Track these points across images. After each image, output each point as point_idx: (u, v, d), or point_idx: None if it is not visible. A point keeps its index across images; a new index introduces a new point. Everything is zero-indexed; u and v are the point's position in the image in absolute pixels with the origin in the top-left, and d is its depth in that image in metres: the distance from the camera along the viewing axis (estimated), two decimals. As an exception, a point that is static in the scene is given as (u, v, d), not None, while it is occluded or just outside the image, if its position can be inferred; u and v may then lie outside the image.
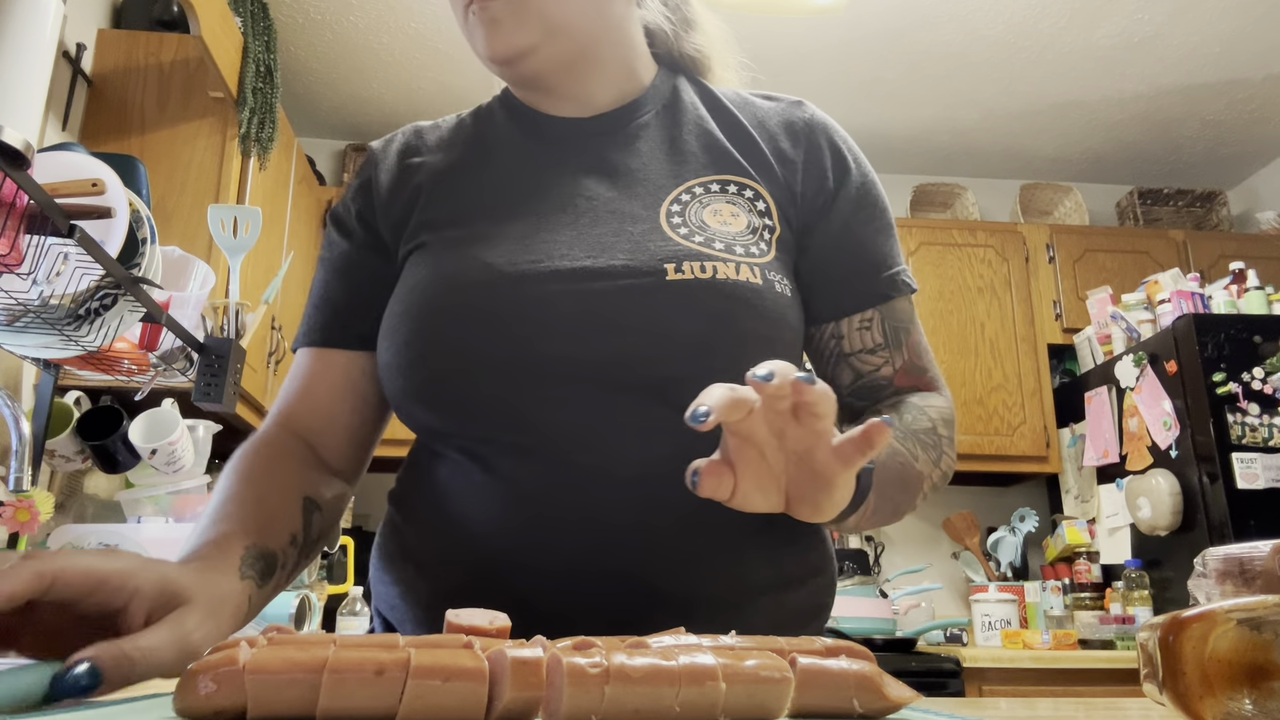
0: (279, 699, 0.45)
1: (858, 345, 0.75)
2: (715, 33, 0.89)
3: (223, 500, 0.68)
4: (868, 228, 0.77)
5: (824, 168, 0.77)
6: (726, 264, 0.69)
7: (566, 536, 0.66)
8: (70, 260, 1.24)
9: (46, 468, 1.96)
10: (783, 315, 0.70)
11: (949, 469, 0.72)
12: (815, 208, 0.76)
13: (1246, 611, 0.48)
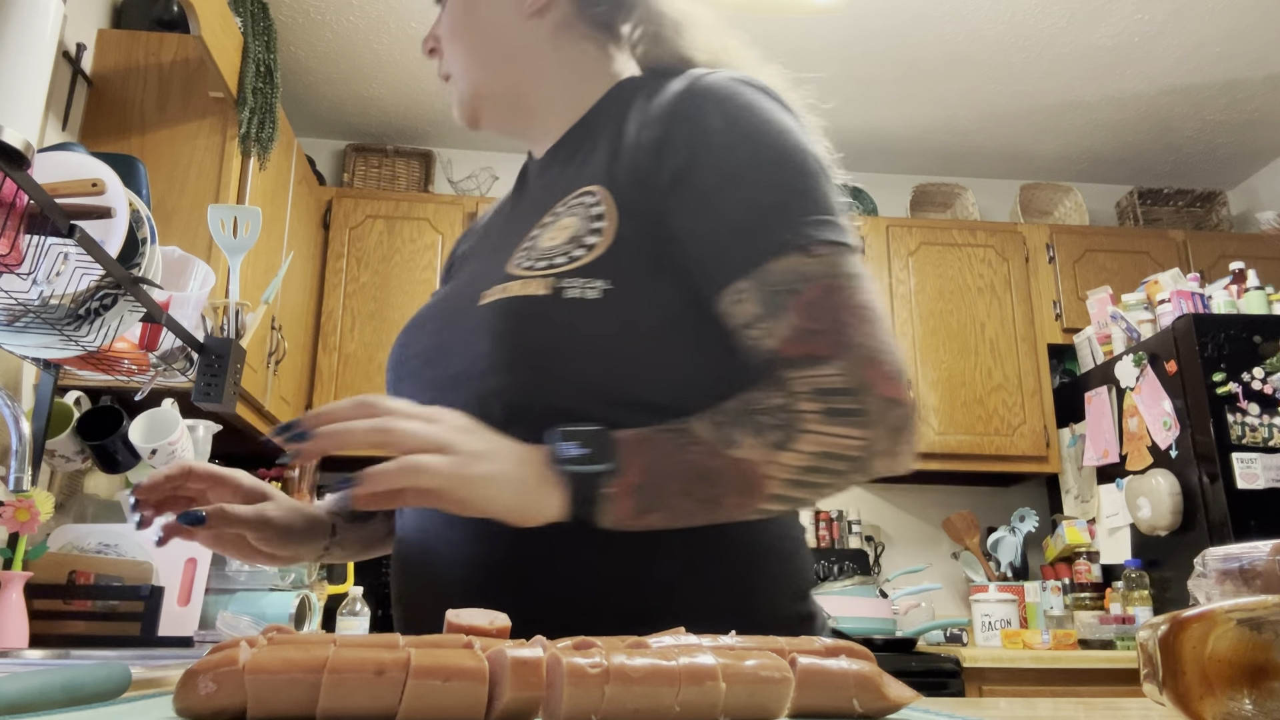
0: (279, 699, 0.45)
1: (738, 321, 0.70)
2: (709, 29, 0.87)
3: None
4: (733, 192, 0.71)
5: (678, 143, 0.73)
6: (524, 282, 0.72)
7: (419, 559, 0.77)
8: (70, 260, 1.24)
9: (46, 467, 1.96)
10: (571, 320, 0.70)
11: (833, 433, 0.65)
12: (664, 188, 0.73)
13: (1246, 611, 0.48)
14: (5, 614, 1.57)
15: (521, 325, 0.71)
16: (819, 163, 0.74)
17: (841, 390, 0.66)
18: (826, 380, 0.66)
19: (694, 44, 0.85)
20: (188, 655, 1.45)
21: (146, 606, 1.71)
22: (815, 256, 0.69)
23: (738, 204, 0.71)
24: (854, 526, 3.33)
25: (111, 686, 0.58)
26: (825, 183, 0.73)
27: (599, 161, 0.78)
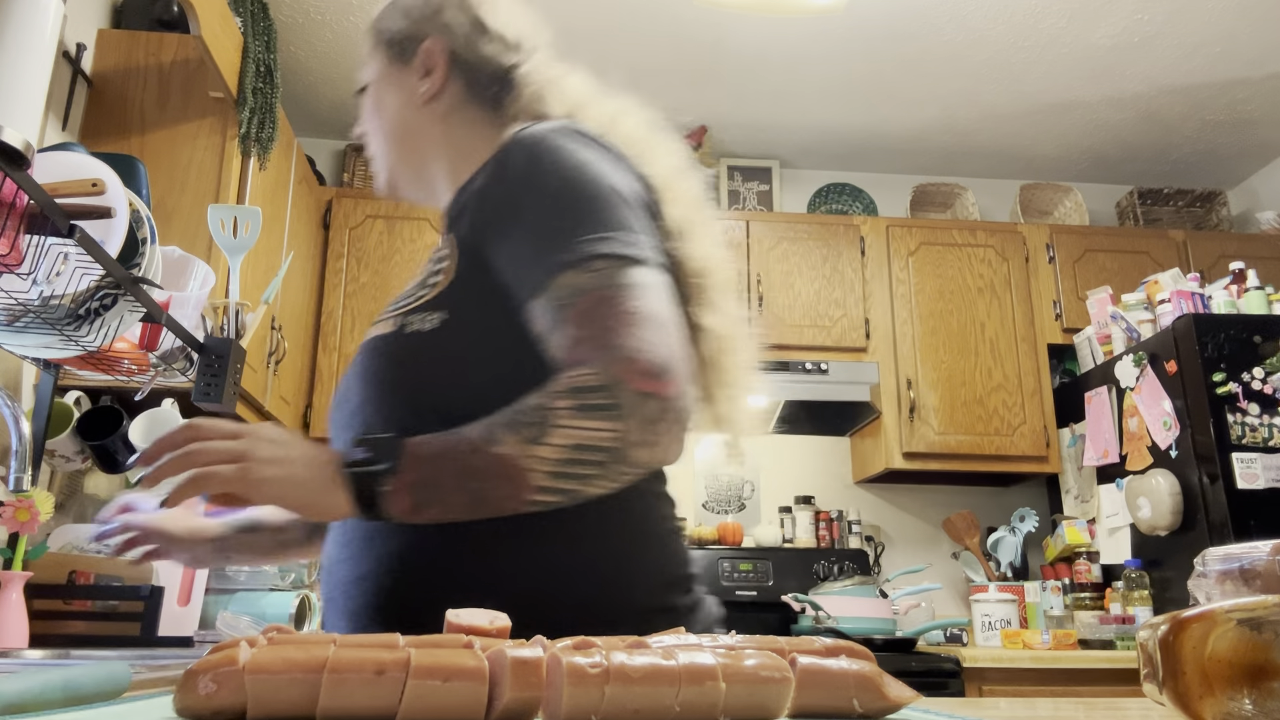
0: (279, 699, 0.45)
1: (539, 336, 0.78)
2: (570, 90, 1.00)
3: None
4: (524, 223, 0.80)
5: (489, 186, 0.84)
6: (380, 324, 0.86)
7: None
8: (70, 260, 1.24)
9: (46, 467, 1.96)
10: (413, 351, 0.82)
11: (581, 430, 0.71)
12: (484, 225, 0.83)
13: (1246, 612, 0.48)
14: (5, 614, 1.57)
15: (376, 361, 0.84)
16: (608, 188, 0.81)
17: (594, 387, 0.71)
18: (581, 379, 0.72)
19: (554, 106, 0.97)
20: (188, 655, 1.45)
21: (146, 606, 1.71)
22: (591, 271, 0.75)
23: (527, 232, 0.80)
24: (854, 526, 3.33)
25: (111, 686, 0.58)
26: (610, 205, 0.79)
27: (453, 210, 0.89)
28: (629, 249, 0.77)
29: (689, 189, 0.93)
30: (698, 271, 0.89)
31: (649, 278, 0.76)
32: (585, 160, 0.82)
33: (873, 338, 3.23)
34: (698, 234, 0.90)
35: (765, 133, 3.58)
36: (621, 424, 0.71)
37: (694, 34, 2.97)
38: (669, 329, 0.75)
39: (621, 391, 0.71)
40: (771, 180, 3.70)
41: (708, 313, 0.89)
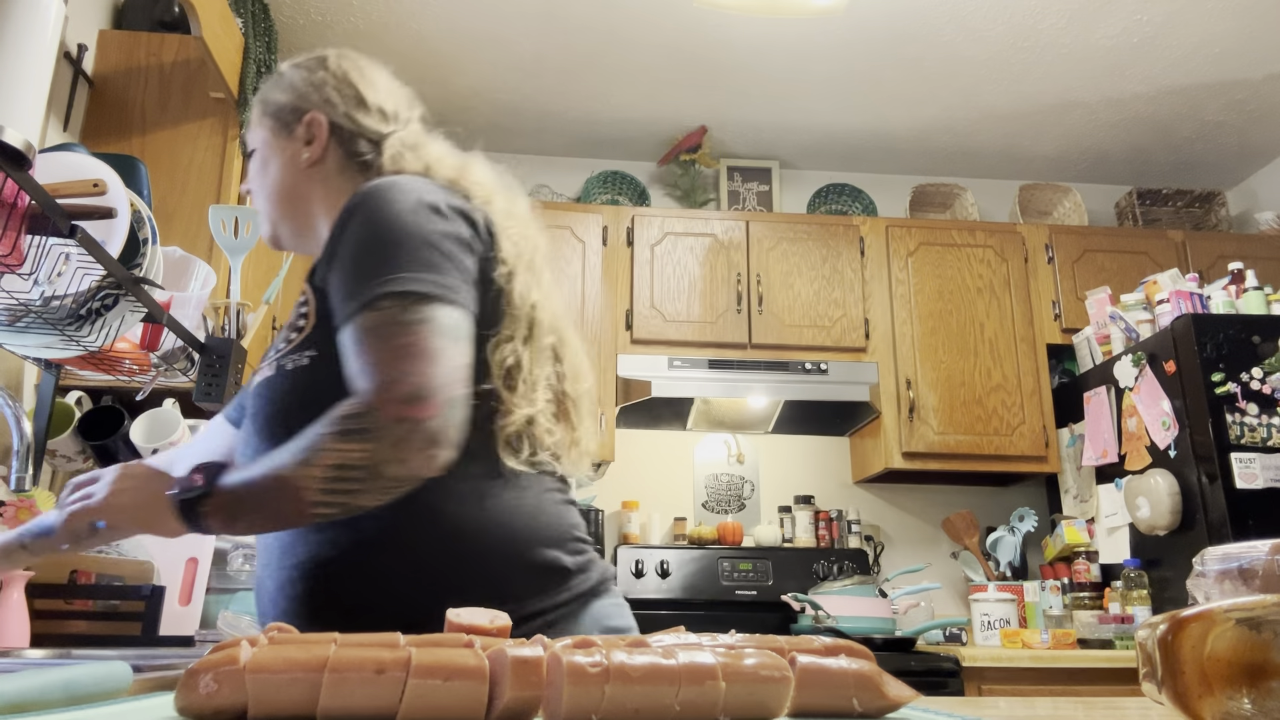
0: (280, 698, 0.46)
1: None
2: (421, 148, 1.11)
3: None
4: (339, 267, 0.92)
5: (331, 235, 0.95)
6: (262, 370, 1.00)
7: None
8: (71, 260, 1.24)
9: (48, 467, 1.96)
10: (292, 386, 0.95)
11: (338, 452, 0.83)
12: (325, 269, 0.95)
13: (1245, 611, 0.48)
14: (6, 613, 1.57)
15: (260, 401, 0.98)
16: (414, 233, 0.91)
17: (354, 414, 0.83)
18: (347, 408, 0.84)
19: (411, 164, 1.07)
20: (189, 655, 1.45)
21: (147, 606, 1.71)
22: (377, 310, 0.86)
23: (342, 274, 0.92)
24: (853, 526, 3.33)
25: (112, 686, 0.58)
26: (410, 249, 0.90)
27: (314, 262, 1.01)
28: (415, 286, 0.87)
29: (524, 233, 1.04)
30: (526, 306, 1.00)
31: (433, 314, 0.87)
32: (401, 209, 0.92)
33: (872, 338, 3.24)
34: (525, 274, 1.01)
35: (765, 133, 3.58)
36: (372, 445, 0.82)
37: (694, 34, 2.97)
38: (437, 360, 0.85)
39: (375, 417, 0.83)
40: (771, 180, 3.70)
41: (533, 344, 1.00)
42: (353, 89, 1.11)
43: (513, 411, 0.96)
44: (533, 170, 3.70)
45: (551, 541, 0.96)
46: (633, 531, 3.27)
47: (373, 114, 1.11)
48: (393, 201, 0.93)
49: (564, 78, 3.22)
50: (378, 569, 0.90)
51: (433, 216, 0.94)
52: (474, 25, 2.93)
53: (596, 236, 3.22)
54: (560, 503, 1.02)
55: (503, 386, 0.96)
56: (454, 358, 0.87)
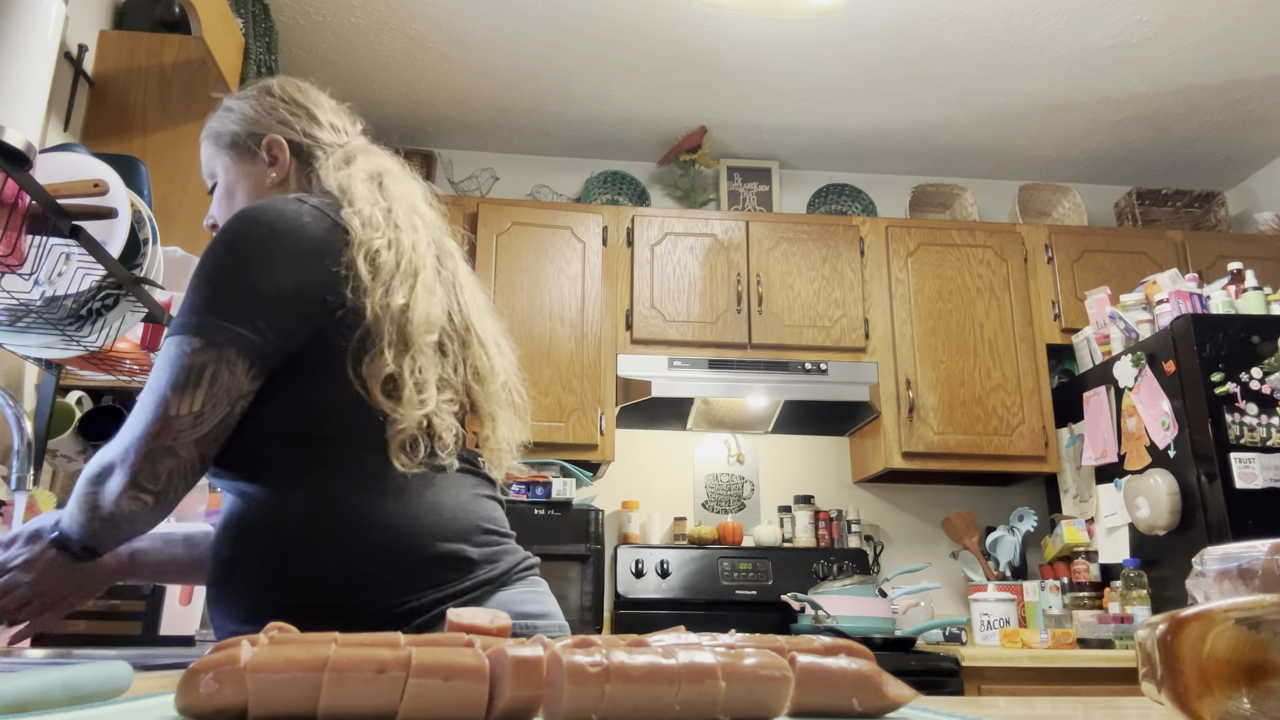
0: (280, 697, 0.46)
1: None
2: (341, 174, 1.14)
3: None
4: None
5: None
6: None
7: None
8: (72, 260, 1.24)
9: (48, 467, 1.96)
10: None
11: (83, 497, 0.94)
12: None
13: (1244, 611, 0.48)
14: (6, 614, 1.57)
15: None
16: (224, 267, 0.96)
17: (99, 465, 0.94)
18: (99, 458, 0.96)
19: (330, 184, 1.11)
20: (189, 654, 1.45)
21: (148, 605, 1.71)
22: (164, 340, 0.95)
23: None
24: (853, 526, 3.33)
25: (113, 685, 0.58)
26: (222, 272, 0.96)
27: None
28: (184, 323, 0.94)
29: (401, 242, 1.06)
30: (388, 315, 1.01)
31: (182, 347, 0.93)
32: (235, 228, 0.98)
33: (872, 338, 3.24)
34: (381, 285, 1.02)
35: (765, 133, 3.58)
36: (98, 491, 0.94)
37: (694, 35, 2.98)
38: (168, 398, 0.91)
39: (115, 465, 0.93)
40: (771, 181, 3.70)
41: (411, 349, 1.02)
42: (303, 108, 1.21)
43: (401, 420, 0.97)
44: (533, 170, 3.70)
45: (453, 535, 1.00)
46: (633, 531, 3.27)
47: (325, 129, 1.20)
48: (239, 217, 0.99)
49: (564, 78, 3.22)
50: (299, 568, 0.96)
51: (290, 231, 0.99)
52: (474, 26, 2.94)
53: (596, 236, 3.22)
54: (470, 498, 1.05)
55: (383, 397, 0.97)
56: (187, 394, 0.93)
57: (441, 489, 1.02)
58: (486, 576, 1.00)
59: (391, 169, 1.21)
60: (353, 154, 1.18)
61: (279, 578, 0.97)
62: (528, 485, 2.92)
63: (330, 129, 1.21)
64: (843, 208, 3.75)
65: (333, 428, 0.98)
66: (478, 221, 3.19)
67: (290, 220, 0.99)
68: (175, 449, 0.92)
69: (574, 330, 3.12)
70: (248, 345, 0.93)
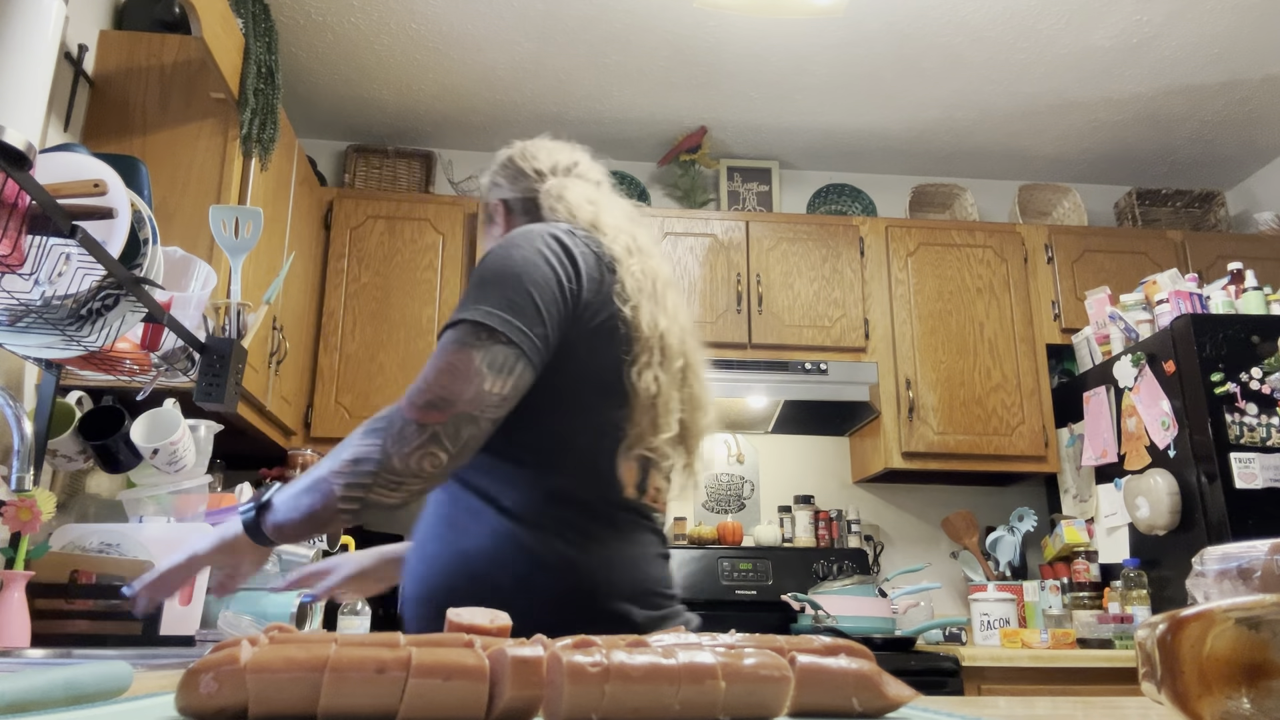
0: (281, 697, 0.46)
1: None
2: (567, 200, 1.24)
3: None
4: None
5: None
6: None
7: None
8: (72, 260, 1.24)
9: (48, 467, 1.96)
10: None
11: (354, 453, 0.95)
12: None
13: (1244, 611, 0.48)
14: (7, 613, 1.57)
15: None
16: (509, 268, 1.03)
17: (381, 416, 0.97)
18: (377, 416, 0.98)
19: (559, 212, 1.21)
20: (189, 654, 1.45)
21: (147, 606, 1.71)
22: (449, 332, 1.00)
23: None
24: (853, 526, 3.33)
25: (113, 686, 0.58)
26: (501, 281, 1.02)
27: None
28: (484, 319, 0.98)
29: (645, 266, 1.16)
30: (655, 334, 1.09)
31: (488, 345, 0.97)
32: (512, 256, 1.05)
33: (872, 338, 3.24)
34: (648, 304, 1.11)
35: (765, 134, 3.58)
36: (381, 439, 0.94)
37: (694, 35, 2.98)
38: (469, 381, 0.95)
39: (395, 417, 0.95)
40: (771, 181, 3.70)
41: (646, 370, 1.08)
42: (512, 166, 1.32)
43: (644, 437, 1.05)
44: (533, 170, 3.70)
45: (627, 595, 1.03)
46: (633, 531, 3.26)
47: (529, 177, 1.30)
48: (509, 248, 1.06)
49: (564, 78, 3.22)
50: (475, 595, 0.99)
51: (540, 265, 1.04)
52: (474, 26, 2.93)
53: (596, 236, 3.22)
54: (651, 557, 1.10)
55: (642, 409, 1.05)
56: (488, 386, 0.96)
57: (628, 542, 1.07)
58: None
59: (599, 195, 1.29)
60: (560, 194, 1.24)
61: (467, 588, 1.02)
62: (528, 485, 2.92)
63: (534, 175, 1.30)
64: (843, 208, 3.75)
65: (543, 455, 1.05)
66: (478, 221, 3.19)
67: (551, 245, 1.07)
68: (479, 420, 0.95)
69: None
70: (537, 355, 1.00)
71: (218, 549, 1.04)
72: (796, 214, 3.48)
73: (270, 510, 1.01)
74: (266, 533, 1.00)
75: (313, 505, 0.96)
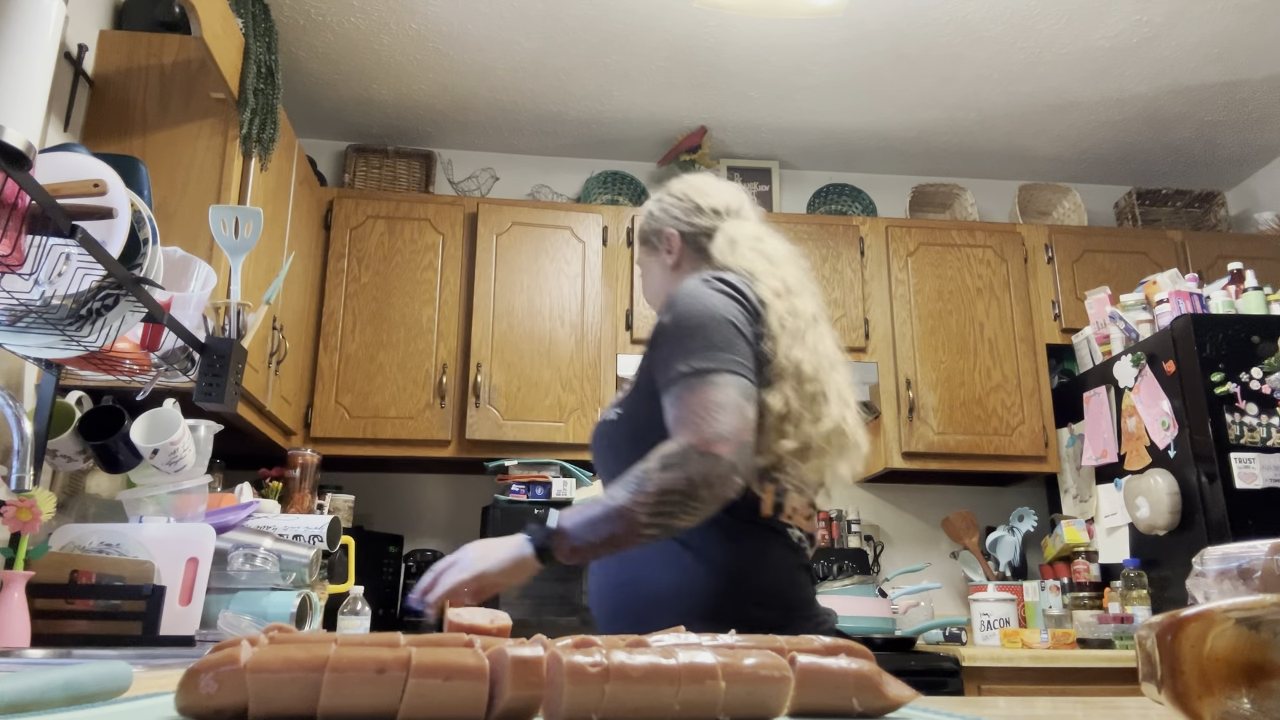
0: (281, 697, 0.46)
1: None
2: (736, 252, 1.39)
3: None
4: (661, 345, 1.23)
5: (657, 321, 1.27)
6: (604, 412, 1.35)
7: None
8: (72, 260, 1.24)
9: (48, 467, 1.96)
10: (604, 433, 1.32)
11: (661, 482, 1.10)
12: (649, 347, 1.27)
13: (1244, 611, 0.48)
14: (7, 613, 1.57)
15: (593, 441, 1.36)
16: (721, 317, 1.21)
17: (673, 452, 1.11)
18: (665, 448, 1.12)
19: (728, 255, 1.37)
20: (189, 654, 1.45)
21: (148, 606, 1.71)
22: (692, 379, 1.15)
23: (663, 353, 1.22)
24: (853, 526, 3.33)
25: (113, 686, 0.58)
26: (721, 332, 1.19)
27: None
28: (715, 362, 1.16)
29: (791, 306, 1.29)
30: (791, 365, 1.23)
31: (731, 382, 1.15)
32: (707, 302, 1.22)
33: (872, 338, 3.24)
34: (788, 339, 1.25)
35: (765, 134, 3.58)
36: (686, 473, 1.09)
37: (694, 35, 2.97)
38: (734, 414, 1.12)
39: (689, 454, 1.10)
40: (771, 181, 3.70)
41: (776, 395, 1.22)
42: (688, 201, 1.46)
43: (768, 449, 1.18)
44: (533, 170, 3.70)
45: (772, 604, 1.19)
46: (633, 531, 3.27)
47: (706, 214, 1.45)
48: (701, 295, 1.23)
49: (564, 78, 3.22)
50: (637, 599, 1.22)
51: (731, 305, 1.23)
52: (474, 26, 2.93)
53: (596, 236, 3.23)
54: (795, 568, 1.25)
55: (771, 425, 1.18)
56: (745, 415, 1.14)
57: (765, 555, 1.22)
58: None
59: (763, 236, 1.44)
60: (734, 237, 1.40)
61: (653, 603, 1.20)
62: (527, 485, 2.92)
63: (711, 213, 1.45)
64: (843, 208, 3.75)
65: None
66: (478, 221, 3.19)
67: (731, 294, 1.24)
68: (750, 443, 1.13)
69: (574, 330, 3.12)
70: (755, 383, 1.18)
71: (509, 569, 1.15)
72: (796, 214, 3.47)
73: (564, 536, 1.14)
74: (560, 557, 1.14)
75: (614, 532, 1.11)
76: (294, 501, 2.71)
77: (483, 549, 1.17)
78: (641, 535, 1.10)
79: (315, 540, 2.23)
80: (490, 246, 3.17)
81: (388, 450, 2.97)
